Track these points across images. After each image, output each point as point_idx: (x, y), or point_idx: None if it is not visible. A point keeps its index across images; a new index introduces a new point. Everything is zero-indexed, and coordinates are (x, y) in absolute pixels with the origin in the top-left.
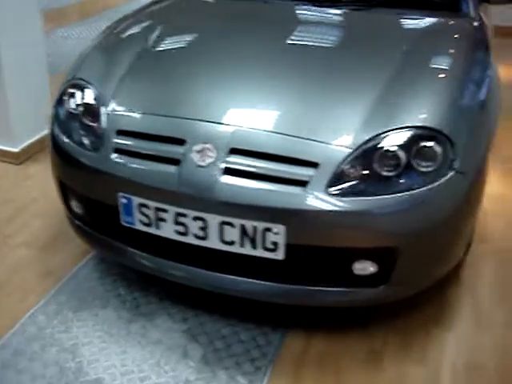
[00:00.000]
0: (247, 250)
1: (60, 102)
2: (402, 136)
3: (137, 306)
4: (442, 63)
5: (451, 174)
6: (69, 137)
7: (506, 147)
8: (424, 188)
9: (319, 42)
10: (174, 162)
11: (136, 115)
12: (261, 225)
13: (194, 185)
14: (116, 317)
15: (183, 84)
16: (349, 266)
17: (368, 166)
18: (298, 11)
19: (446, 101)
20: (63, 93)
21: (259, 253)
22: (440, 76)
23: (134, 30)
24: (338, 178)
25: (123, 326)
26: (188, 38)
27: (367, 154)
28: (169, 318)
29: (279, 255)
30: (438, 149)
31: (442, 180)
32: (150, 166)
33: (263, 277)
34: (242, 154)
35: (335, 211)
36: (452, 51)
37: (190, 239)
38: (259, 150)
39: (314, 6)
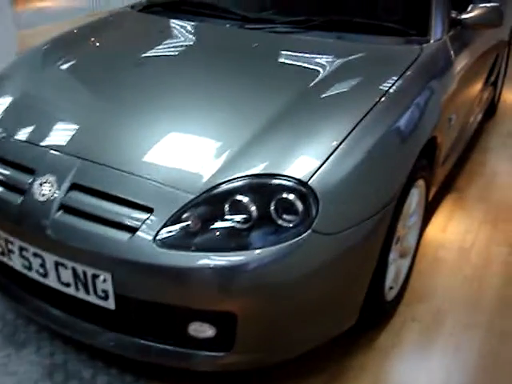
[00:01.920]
0: (82, 294)
1: None
2: (257, 184)
3: (13, 333)
4: (344, 103)
5: (307, 233)
6: None
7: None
8: (272, 248)
9: (219, 71)
10: (21, 192)
11: (5, 140)
12: (90, 270)
13: (30, 219)
14: None
15: (54, 112)
16: (184, 325)
17: (212, 217)
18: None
19: (328, 149)
20: None
21: (92, 299)
22: (331, 120)
23: (38, 57)
24: (172, 226)
25: None
26: (78, 65)
27: (212, 202)
28: (36, 350)
29: (110, 304)
30: (299, 203)
31: (295, 240)
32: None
33: (100, 323)
34: (83, 191)
35: (158, 265)
36: (366, 87)
37: (33, 275)
38: (97, 188)
39: (244, 27)
